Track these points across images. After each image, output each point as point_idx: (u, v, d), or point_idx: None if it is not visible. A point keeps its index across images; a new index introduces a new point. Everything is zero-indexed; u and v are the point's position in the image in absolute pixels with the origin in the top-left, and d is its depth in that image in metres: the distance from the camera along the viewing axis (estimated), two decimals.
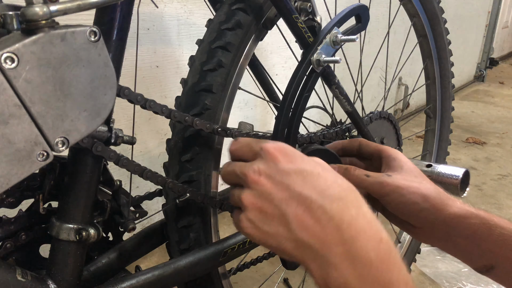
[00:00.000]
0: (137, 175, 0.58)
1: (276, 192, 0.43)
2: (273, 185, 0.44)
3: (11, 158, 0.38)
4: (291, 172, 0.44)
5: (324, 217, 0.41)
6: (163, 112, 0.59)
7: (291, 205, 0.42)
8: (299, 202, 0.42)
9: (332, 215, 0.41)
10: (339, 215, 0.41)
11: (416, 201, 0.56)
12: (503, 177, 2.26)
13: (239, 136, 0.68)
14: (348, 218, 0.41)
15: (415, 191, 0.57)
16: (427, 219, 0.57)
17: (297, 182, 0.43)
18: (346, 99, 0.77)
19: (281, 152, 0.45)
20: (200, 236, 0.68)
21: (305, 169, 0.44)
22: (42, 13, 0.38)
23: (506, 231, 0.53)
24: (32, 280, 0.51)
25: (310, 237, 0.41)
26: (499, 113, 3.44)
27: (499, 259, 0.54)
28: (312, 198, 0.42)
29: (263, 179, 0.44)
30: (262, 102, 1.83)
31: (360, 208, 0.42)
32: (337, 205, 0.41)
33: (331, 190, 0.43)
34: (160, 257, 1.39)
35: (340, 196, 0.42)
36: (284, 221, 0.43)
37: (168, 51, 1.39)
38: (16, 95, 0.37)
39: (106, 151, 0.52)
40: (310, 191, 0.42)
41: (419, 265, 1.49)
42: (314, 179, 0.43)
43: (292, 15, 0.64)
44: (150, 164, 1.45)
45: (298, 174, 0.43)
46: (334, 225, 0.41)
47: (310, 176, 0.43)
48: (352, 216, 0.41)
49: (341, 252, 0.40)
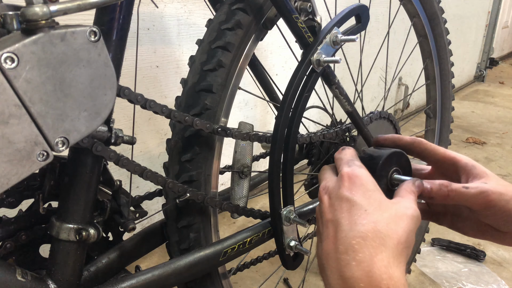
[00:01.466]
0: (137, 175, 0.58)
1: (327, 212, 0.49)
2: (328, 205, 0.50)
3: (11, 158, 0.38)
4: (343, 199, 0.48)
5: (342, 246, 0.44)
6: (163, 112, 0.59)
7: (329, 226, 0.48)
8: (333, 226, 0.47)
9: (348, 248, 0.44)
10: (355, 251, 0.43)
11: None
12: (503, 177, 2.26)
13: (239, 136, 0.68)
14: (361, 258, 0.43)
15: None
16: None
17: (342, 209, 0.47)
18: (346, 99, 0.77)
19: (350, 180, 0.50)
20: (200, 236, 0.68)
21: (356, 201, 0.47)
22: (42, 13, 0.38)
23: None
24: (32, 280, 0.51)
25: (325, 260, 0.46)
26: (499, 113, 3.44)
27: None
28: (342, 227, 0.46)
29: (325, 197, 0.51)
30: (262, 102, 1.83)
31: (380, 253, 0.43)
32: (357, 242, 0.43)
33: (362, 226, 0.45)
34: (160, 257, 1.39)
35: (366, 235, 0.44)
36: (321, 237, 0.49)
37: (168, 51, 1.39)
38: (16, 95, 0.37)
39: (106, 151, 0.52)
40: (345, 219, 0.46)
41: (419, 265, 1.49)
42: (356, 211, 0.46)
43: (292, 15, 0.64)
44: (150, 164, 1.45)
45: (348, 202, 0.48)
46: (345, 258, 0.43)
47: (356, 208, 0.47)
48: (366, 256, 0.42)
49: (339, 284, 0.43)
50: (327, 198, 0.51)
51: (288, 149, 0.67)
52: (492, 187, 0.54)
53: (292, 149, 0.68)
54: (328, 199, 0.51)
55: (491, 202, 0.54)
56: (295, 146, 0.70)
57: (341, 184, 0.50)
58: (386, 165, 0.60)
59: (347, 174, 0.51)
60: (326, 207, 0.50)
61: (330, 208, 0.49)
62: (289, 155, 0.68)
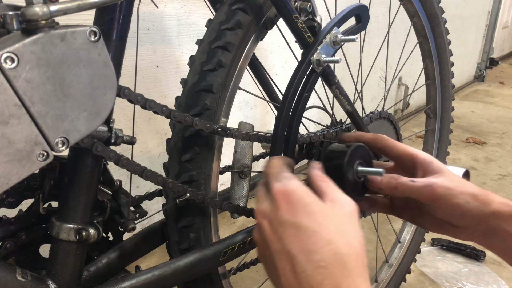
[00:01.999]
0: (137, 175, 0.58)
1: (272, 241, 0.45)
2: (271, 232, 0.45)
3: (11, 158, 0.38)
4: (287, 225, 0.44)
5: (305, 282, 0.40)
6: (163, 112, 0.59)
7: (281, 259, 0.43)
8: (287, 259, 0.42)
9: (312, 283, 0.40)
10: (319, 285, 0.40)
11: (467, 200, 0.56)
12: (503, 177, 2.26)
13: (239, 136, 0.68)
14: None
15: (464, 190, 0.56)
16: (474, 217, 0.56)
17: (289, 237, 0.43)
18: (346, 99, 0.77)
19: (285, 199, 0.46)
20: (200, 236, 0.68)
21: (301, 224, 0.43)
22: (42, 13, 0.38)
23: None
24: (32, 280, 0.51)
25: None
26: (499, 113, 3.44)
27: None
28: (297, 259, 0.41)
29: (265, 223, 0.46)
30: (262, 102, 1.83)
31: (343, 278, 0.40)
32: (318, 273, 0.40)
33: (318, 254, 0.41)
34: (160, 257, 1.39)
35: (326, 264, 0.40)
36: (276, 271, 0.44)
37: (168, 51, 1.39)
38: (16, 95, 0.37)
39: (106, 151, 0.52)
40: (298, 251, 0.42)
41: (419, 265, 1.50)
42: (305, 237, 0.42)
43: (292, 15, 0.64)
44: (150, 164, 1.45)
45: (293, 228, 0.44)
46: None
47: (303, 232, 0.43)
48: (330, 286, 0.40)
49: None
50: (267, 224, 0.46)
51: (288, 149, 0.67)
52: (439, 182, 0.57)
53: (292, 149, 0.68)
54: (269, 225, 0.46)
55: (436, 195, 0.56)
56: (295, 146, 0.70)
57: (278, 206, 0.46)
58: (352, 158, 0.63)
59: (280, 192, 0.46)
60: (269, 235, 0.45)
61: (274, 236, 0.45)
62: (289, 155, 0.68)
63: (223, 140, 0.69)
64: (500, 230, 0.55)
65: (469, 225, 0.57)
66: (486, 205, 0.55)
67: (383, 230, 1.65)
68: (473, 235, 0.58)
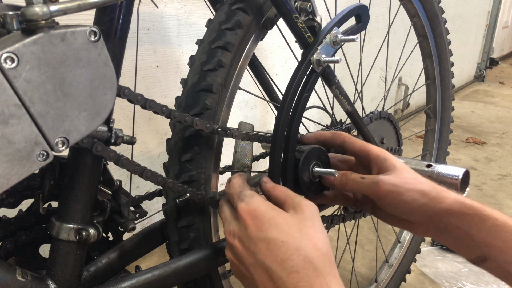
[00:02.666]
0: (137, 175, 0.59)
1: (246, 257, 0.49)
2: (244, 250, 0.49)
3: (11, 158, 0.38)
4: (257, 241, 0.48)
5: (282, 287, 0.45)
6: (163, 112, 0.59)
7: (258, 271, 0.47)
8: (263, 271, 0.47)
9: (289, 287, 0.44)
10: (293, 287, 0.44)
11: (415, 197, 0.57)
12: (503, 177, 2.26)
13: (239, 136, 0.68)
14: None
15: (412, 187, 0.58)
16: (425, 214, 0.58)
17: (262, 251, 0.47)
18: (346, 99, 0.77)
19: (251, 217, 0.50)
20: (200, 236, 0.68)
21: (270, 237, 0.47)
22: (42, 13, 0.38)
23: (498, 222, 0.54)
24: (32, 280, 0.51)
25: None
26: (499, 113, 3.44)
27: (491, 251, 0.55)
28: (272, 269, 0.46)
29: (236, 242, 0.50)
30: (262, 102, 1.83)
31: (315, 278, 0.45)
32: (292, 277, 0.45)
33: (290, 261, 0.45)
34: (160, 257, 1.39)
35: (298, 268, 0.45)
36: (254, 284, 0.48)
37: (168, 51, 1.39)
38: (16, 95, 0.37)
39: (106, 151, 0.52)
40: (271, 261, 0.46)
41: (419, 265, 1.50)
42: (276, 248, 0.47)
43: (292, 15, 0.64)
44: (150, 164, 1.45)
45: (263, 242, 0.48)
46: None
47: (273, 244, 0.47)
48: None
49: None
50: (238, 243, 0.50)
51: (288, 149, 0.67)
52: (386, 179, 0.59)
53: (292, 149, 0.68)
54: (240, 243, 0.50)
55: (382, 193, 0.59)
56: (295, 146, 0.70)
57: (246, 225, 0.50)
58: (306, 160, 0.67)
59: (244, 212, 0.50)
60: (242, 252, 0.50)
61: (247, 252, 0.49)
62: (289, 155, 0.68)
63: (223, 140, 0.69)
64: (452, 227, 0.57)
65: (422, 222, 0.59)
66: (437, 203, 0.57)
67: (383, 230, 1.65)
68: (428, 231, 0.60)
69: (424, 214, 0.58)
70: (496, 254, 0.55)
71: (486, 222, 0.54)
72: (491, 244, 0.54)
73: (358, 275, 1.45)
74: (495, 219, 0.54)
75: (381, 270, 1.29)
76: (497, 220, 0.54)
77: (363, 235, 1.68)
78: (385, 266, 1.30)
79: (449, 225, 0.57)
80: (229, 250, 0.52)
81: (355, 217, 0.91)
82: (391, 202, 0.59)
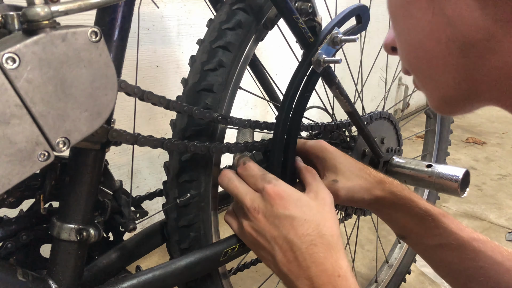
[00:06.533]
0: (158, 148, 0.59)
1: (269, 230, 0.57)
2: (267, 224, 0.57)
3: (12, 158, 0.38)
4: (282, 217, 0.56)
5: (300, 257, 0.54)
6: (161, 103, 0.58)
7: (279, 243, 0.56)
8: (285, 242, 0.55)
9: (306, 257, 0.54)
10: (311, 257, 0.54)
11: (363, 196, 0.70)
12: (503, 177, 2.26)
13: (239, 124, 0.67)
14: (317, 260, 0.54)
15: (360, 189, 0.70)
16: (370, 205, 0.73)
17: (285, 226, 0.55)
18: (346, 99, 0.77)
19: (278, 196, 0.57)
20: (200, 236, 0.69)
21: (294, 215, 0.56)
22: (43, 13, 0.38)
23: (422, 211, 0.68)
24: (33, 280, 0.51)
25: (288, 270, 0.55)
26: (499, 113, 3.44)
27: (410, 232, 0.71)
28: (294, 241, 0.55)
29: (260, 217, 0.57)
30: (262, 102, 1.83)
31: (328, 252, 0.54)
32: (311, 249, 0.54)
33: (309, 236, 0.55)
34: (160, 257, 1.39)
35: (315, 242, 0.55)
36: (272, 253, 0.57)
37: (168, 51, 1.39)
38: (17, 95, 0.37)
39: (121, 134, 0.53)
40: (294, 235, 0.55)
41: (419, 265, 1.50)
42: (299, 225, 0.55)
43: (292, 15, 0.64)
44: (150, 164, 1.45)
45: (288, 219, 0.56)
46: (306, 264, 0.54)
47: (297, 222, 0.55)
48: (320, 258, 0.54)
49: (307, 284, 0.53)
50: (262, 217, 0.57)
51: (288, 149, 0.68)
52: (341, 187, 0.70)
53: (292, 149, 0.68)
54: (264, 218, 0.57)
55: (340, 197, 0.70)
56: (295, 146, 0.70)
57: (273, 203, 0.57)
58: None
59: (273, 192, 0.57)
60: (265, 225, 0.57)
61: (271, 227, 0.56)
62: (289, 155, 0.68)
63: (223, 140, 0.69)
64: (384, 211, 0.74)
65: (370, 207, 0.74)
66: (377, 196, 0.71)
67: (383, 230, 1.65)
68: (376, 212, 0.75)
69: (365, 203, 0.72)
70: (411, 235, 0.71)
71: (412, 210, 0.68)
72: (410, 227, 0.70)
73: (358, 275, 1.45)
74: (419, 208, 0.68)
75: (381, 270, 1.29)
76: (420, 209, 0.68)
77: (363, 235, 1.68)
78: (385, 266, 1.30)
79: (384, 208, 0.72)
80: (248, 225, 0.59)
81: (356, 213, 0.93)
82: (347, 202, 0.71)
